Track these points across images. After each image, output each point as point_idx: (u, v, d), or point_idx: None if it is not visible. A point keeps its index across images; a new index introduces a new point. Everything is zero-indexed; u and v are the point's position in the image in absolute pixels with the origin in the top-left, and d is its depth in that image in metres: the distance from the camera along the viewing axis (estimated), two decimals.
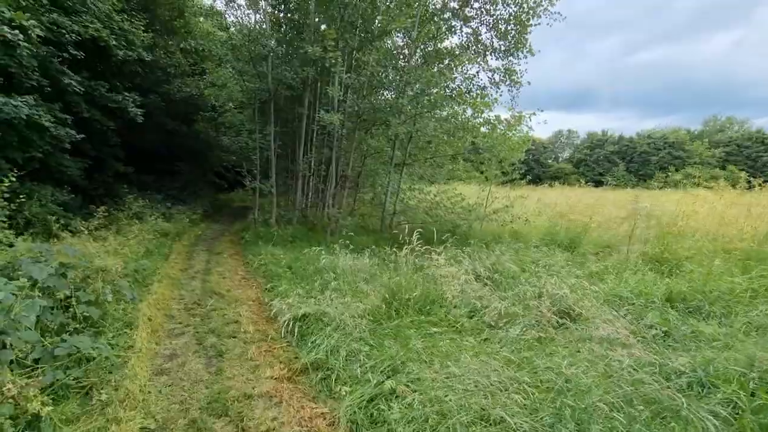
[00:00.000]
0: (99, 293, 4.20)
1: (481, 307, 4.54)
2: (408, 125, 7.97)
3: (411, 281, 4.76)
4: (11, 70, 7.68)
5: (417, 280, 4.88)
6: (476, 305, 4.59)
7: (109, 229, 8.72)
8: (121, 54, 11.04)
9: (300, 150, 11.03)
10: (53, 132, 8.53)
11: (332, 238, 9.18)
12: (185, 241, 10.50)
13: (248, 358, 3.97)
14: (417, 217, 9.22)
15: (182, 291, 6.20)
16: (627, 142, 66.57)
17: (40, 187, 8.96)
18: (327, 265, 6.29)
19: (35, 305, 2.74)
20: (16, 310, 2.60)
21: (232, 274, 7.29)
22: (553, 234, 8.80)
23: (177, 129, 15.92)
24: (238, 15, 12.27)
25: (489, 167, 9.30)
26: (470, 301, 4.66)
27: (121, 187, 12.65)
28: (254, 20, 11.42)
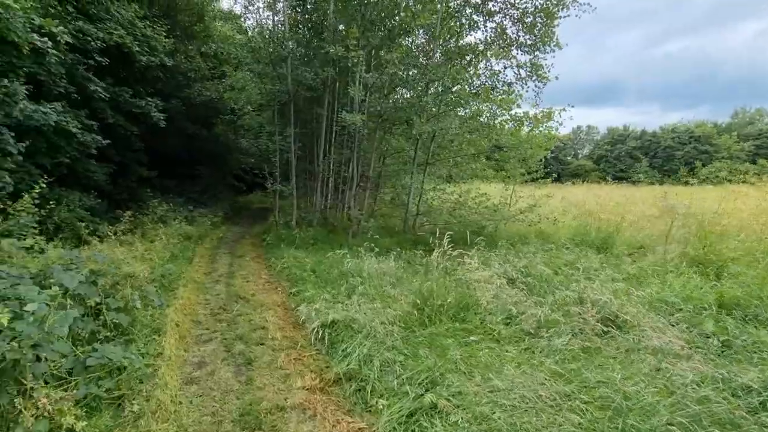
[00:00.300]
0: (128, 300, 4.16)
1: (517, 313, 4.31)
2: (431, 124, 7.78)
3: (443, 286, 4.57)
4: (41, 78, 7.84)
5: (449, 285, 4.68)
6: (512, 311, 4.36)
7: (135, 233, 8.82)
8: (144, 60, 11.19)
9: (320, 151, 10.95)
10: (80, 138, 8.68)
11: (354, 240, 9.06)
12: (207, 245, 10.56)
13: (278, 367, 3.85)
14: (440, 217, 9.02)
15: (207, 295, 6.17)
16: (650, 137, 64.50)
17: (68, 192, 9.13)
18: (352, 268, 6.15)
19: (68, 316, 2.68)
20: (49, 322, 2.54)
21: (256, 278, 7.24)
22: (583, 234, 8.45)
23: (197, 133, 16.13)
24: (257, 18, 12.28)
25: (514, 166, 9.02)
26: (505, 307, 4.44)
27: (144, 192, 12.85)
28: (273, 22, 11.43)
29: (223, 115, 16.77)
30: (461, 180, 9.56)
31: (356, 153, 8.66)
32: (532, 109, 8.24)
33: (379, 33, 7.69)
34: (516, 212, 8.63)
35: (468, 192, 9.16)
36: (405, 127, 9.28)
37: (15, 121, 6.78)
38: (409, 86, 8.36)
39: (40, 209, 5.93)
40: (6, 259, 3.42)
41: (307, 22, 10.93)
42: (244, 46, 10.83)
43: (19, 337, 2.23)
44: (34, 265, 3.56)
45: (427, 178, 8.85)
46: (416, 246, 8.47)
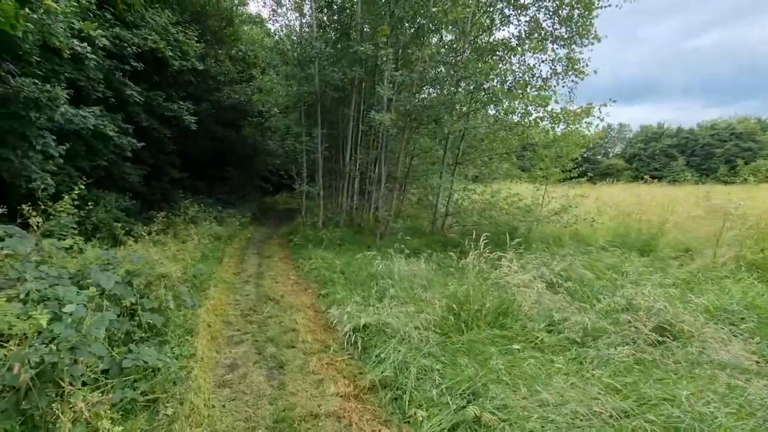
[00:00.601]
0: (162, 300, 4.17)
1: (559, 320, 4.05)
2: (462, 122, 7.54)
3: (480, 290, 4.35)
4: (80, 83, 8.13)
5: (486, 289, 4.46)
6: (554, 318, 4.10)
7: (167, 233, 9.01)
8: (176, 64, 11.47)
9: (346, 152, 10.90)
10: (116, 141, 8.95)
11: (382, 241, 8.93)
12: (236, 245, 10.69)
13: (310, 371, 3.75)
14: (469, 218, 8.75)
15: (237, 296, 6.18)
16: (687, 135, 61.38)
17: (105, 194, 9.45)
18: (382, 270, 6.01)
19: (105, 318, 2.67)
20: (87, 324, 2.53)
21: (285, 279, 7.22)
22: (623, 236, 7.99)
23: (226, 135, 16.46)
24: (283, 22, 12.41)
25: (547, 165, 8.64)
26: (547, 313, 4.19)
27: (176, 193, 13.19)
28: (299, 25, 11.47)
29: (251, 118, 17.05)
30: (491, 180, 9.24)
31: (384, 153, 8.52)
32: (567, 105, 7.85)
33: (408, 30, 7.52)
34: (550, 213, 8.25)
35: (498, 192, 8.85)
36: (433, 126, 9.07)
37: (57, 125, 7.05)
38: (439, 83, 8.14)
39: (79, 210, 6.09)
40: (47, 259, 3.49)
41: (334, 23, 10.91)
42: (272, 49, 10.91)
43: (58, 340, 2.21)
44: (72, 266, 3.61)
45: (455, 178, 8.60)
46: (446, 247, 8.27)
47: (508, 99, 7.28)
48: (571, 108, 7.07)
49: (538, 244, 7.67)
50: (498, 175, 9.12)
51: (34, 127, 5.73)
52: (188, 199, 12.87)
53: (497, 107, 7.60)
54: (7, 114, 5.41)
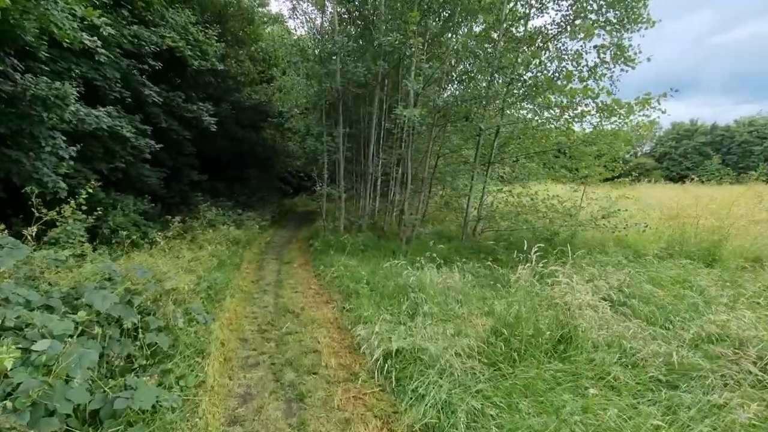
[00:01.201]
0: (169, 318, 3.71)
1: (631, 349, 3.36)
2: (499, 117, 6.88)
3: (532, 310, 3.71)
4: (96, 83, 7.90)
5: (539, 309, 3.81)
6: (623, 345, 3.42)
7: (185, 238, 8.69)
8: (195, 64, 11.21)
9: (369, 152, 10.37)
10: (134, 142, 8.69)
11: (407, 246, 8.34)
12: (255, 249, 10.31)
13: (335, 407, 3.20)
14: (502, 222, 8.06)
15: (254, 307, 5.71)
16: (722, 132, 58.30)
17: (123, 197, 9.22)
18: (412, 281, 5.41)
19: (86, 357, 2.19)
20: (61, 366, 2.05)
21: (305, 288, 6.72)
22: (680, 242, 7.14)
23: (246, 136, 16.23)
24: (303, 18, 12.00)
25: (590, 163, 7.85)
26: (613, 339, 3.50)
27: (195, 195, 12.97)
28: (320, 21, 11.04)
29: (271, 118, 16.76)
30: (526, 181, 8.51)
31: (410, 152, 7.94)
32: (608, 98, 7.01)
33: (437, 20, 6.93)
34: (596, 217, 7.46)
35: (536, 194, 8.11)
36: (462, 123, 8.43)
37: (72, 127, 6.79)
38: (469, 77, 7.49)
39: (89, 215, 5.76)
40: (37, 276, 3.08)
41: (356, 17, 10.41)
42: (292, 46, 10.50)
43: (16, 393, 1.74)
44: (66, 282, 3.19)
45: (488, 179, 7.93)
46: (479, 255, 7.61)
47: (552, 91, 6.56)
48: (624, 100, 6.30)
49: (583, 252, 6.92)
50: (538, 175, 8.34)
51: (43, 127, 5.43)
52: (207, 202, 12.63)
53: (535, 102, 6.86)
54: (15, 114, 5.11)
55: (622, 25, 6.46)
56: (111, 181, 9.27)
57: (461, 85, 8.14)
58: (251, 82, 16.30)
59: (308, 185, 29.59)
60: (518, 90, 7.06)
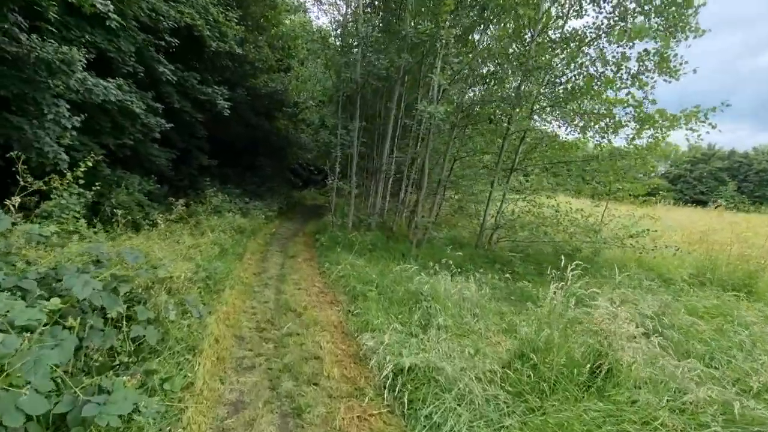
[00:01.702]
0: (161, 309, 3.36)
1: (678, 390, 2.94)
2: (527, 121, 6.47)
3: (565, 335, 3.30)
4: (110, 54, 7.61)
5: (572, 333, 3.40)
6: (668, 384, 3.00)
7: (188, 222, 8.37)
8: (214, 45, 10.90)
9: (384, 148, 9.99)
10: (144, 119, 8.39)
11: (418, 250, 7.95)
12: (260, 240, 9.98)
13: (336, 427, 2.83)
14: (520, 233, 7.62)
15: (254, 302, 5.36)
16: (740, 158, 57.24)
17: (129, 175, 8.93)
18: (424, 289, 5.02)
19: (43, 360, 1.83)
20: (15, 368, 1.70)
21: (309, 285, 6.36)
22: (710, 269, 6.67)
23: (259, 124, 15.92)
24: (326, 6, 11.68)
25: (617, 178, 7.39)
26: (655, 375, 3.09)
27: (204, 180, 12.68)
28: (344, 9, 10.69)
29: (285, 108, 16.43)
30: (550, 191, 8.06)
31: (428, 151, 7.54)
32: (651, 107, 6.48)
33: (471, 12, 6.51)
34: (621, 235, 7.00)
35: (557, 206, 7.66)
36: (486, 125, 8.01)
37: (80, 97, 6.48)
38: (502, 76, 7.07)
39: (86, 190, 5.44)
40: (12, 252, 2.73)
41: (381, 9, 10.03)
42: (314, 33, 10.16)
43: None
44: (47, 262, 2.86)
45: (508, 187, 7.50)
46: (493, 265, 7.21)
47: (591, 96, 6.10)
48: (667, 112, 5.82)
49: (606, 272, 6.49)
50: (566, 186, 7.86)
51: (48, 93, 5.12)
52: (214, 188, 12.34)
53: (569, 107, 6.40)
54: (18, 77, 4.81)
55: (670, 32, 6.00)
56: (118, 158, 8.98)
57: (487, 85, 7.72)
58: (269, 69, 15.97)
59: (318, 179, 29.29)
60: (551, 93, 6.62)
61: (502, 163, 7.50)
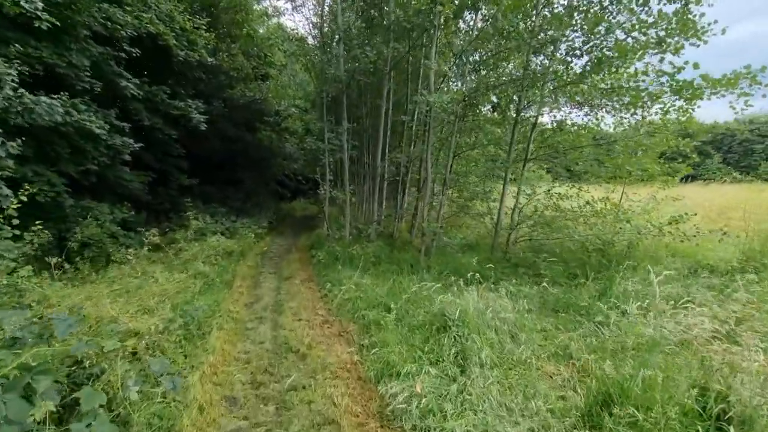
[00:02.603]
0: (117, 387, 2.49)
1: None
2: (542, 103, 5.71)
3: (664, 369, 2.51)
4: (59, 70, 6.69)
5: (670, 365, 2.61)
6: None
7: (168, 252, 7.45)
8: (182, 54, 10.02)
9: (377, 150, 9.19)
10: (108, 141, 7.46)
11: (428, 259, 7.14)
12: (250, 261, 9.08)
13: None
14: (541, 230, 6.86)
15: (247, 343, 4.50)
16: (723, 131, 57.79)
17: (96, 204, 7.98)
18: (448, 308, 4.21)
19: None
20: None
21: (310, 314, 5.50)
22: (759, 255, 5.97)
23: (240, 136, 15.02)
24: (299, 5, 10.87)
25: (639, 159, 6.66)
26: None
27: (185, 201, 11.74)
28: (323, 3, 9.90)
29: (267, 117, 15.55)
30: (576, 180, 7.28)
31: (430, 148, 6.76)
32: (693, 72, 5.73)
33: None
34: (660, 224, 6.23)
35: (578, 195, 6.91)
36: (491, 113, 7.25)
37: (25, 120, 5.55)
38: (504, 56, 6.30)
39: (23, 231, 4.55)
40: None
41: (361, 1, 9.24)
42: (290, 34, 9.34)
43: None
44: None
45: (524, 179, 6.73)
46: (516, 269, 6.43)
47: (620, 66, 5.32)
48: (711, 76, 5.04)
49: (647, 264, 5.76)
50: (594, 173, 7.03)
51: None
52: (198, 208, 11.40)
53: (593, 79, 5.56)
54: None
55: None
56: (83, 187, 8.04)
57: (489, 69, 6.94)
58: (245, 79, 15.09)
59: (306, 188, 28.36)
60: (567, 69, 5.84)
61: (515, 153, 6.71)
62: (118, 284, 4.62)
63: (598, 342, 3.81)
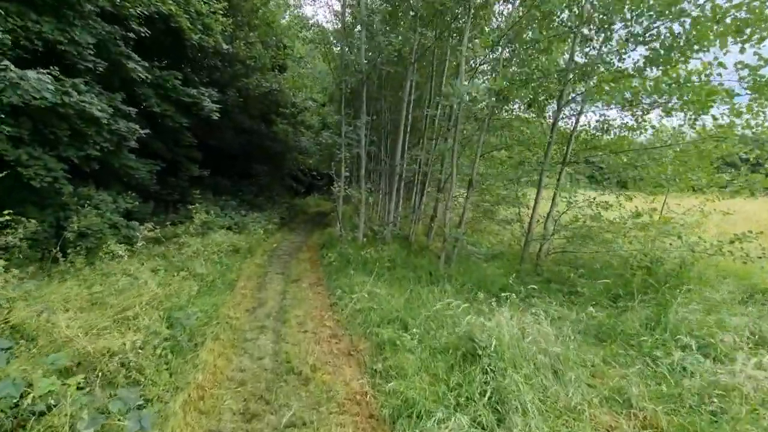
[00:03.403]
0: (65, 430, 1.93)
1: None
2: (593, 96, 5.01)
3: None
4: (61, 47, 6.26)
5: None
6: None
7: (169, 246, 6.97)
8: (195, 38, 9.56)
9: (397, 146, 8.57)
10: (111, 125, 7.02)
11: (448, 267, 6.49)
12: (258, 259, 8.57)
13: None
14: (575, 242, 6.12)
15: (244, 358, 3.94)
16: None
17: (99, 193, 7.56)
18: (478, 335, 3.56)
19: None
20: None
21: (317, 325, 4.92)
22: None
23: (255, 128, 14.57)
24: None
25: (692, 167, 5.88)
26: None
27: (193, 192, 11.30)
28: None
29: (283, 108, 15.05)
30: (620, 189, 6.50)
31: (456, 145, 6.09)
32: None
33: None
34: (720, 243, 5.43)
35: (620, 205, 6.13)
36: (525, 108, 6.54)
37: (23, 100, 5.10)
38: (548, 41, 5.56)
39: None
40: None
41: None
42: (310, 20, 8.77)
43: None
44: None
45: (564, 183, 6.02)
46: (549, 285, 5.72)
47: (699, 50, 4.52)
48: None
49: (695, 286, 5.02)
50: (647, 186, 6.21)
51: None
52: (207, 200, 10.97)
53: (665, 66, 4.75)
54: None
55: None
56: (86, 174, 7.63)
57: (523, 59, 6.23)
58: (262, 68, 14.62)
59: (321, 184, 27.93)
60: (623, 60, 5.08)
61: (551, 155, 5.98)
62: (102, 284, 4.11)
63: (663, 387, 3.13)
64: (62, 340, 2.53)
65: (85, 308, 3.27)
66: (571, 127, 5.96)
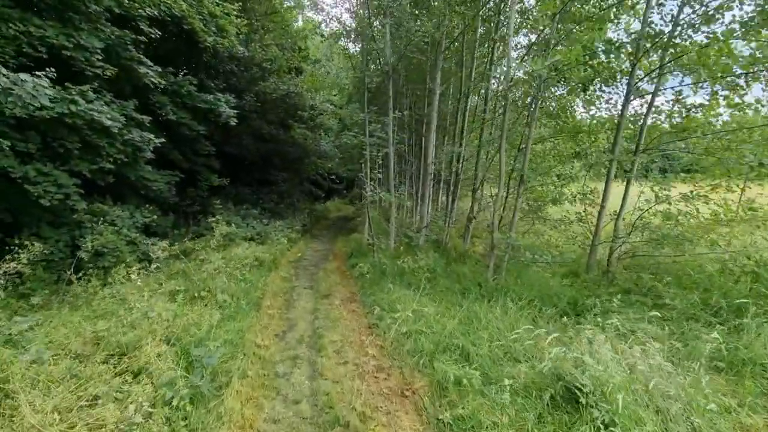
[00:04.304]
0: None
1: None
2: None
3: None
4: (66, 52, 5.79)
5: None
6: None
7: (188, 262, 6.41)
8: (210, 41, 9.05)
9: (430, 143, 7.81)
10: (123, 136, 6.52)
11: (498, 277, 5.67)
12: (283, 272, 7.96)
13: None
14: (660, 244, 5.16)
15: (277, 403, 3.26)
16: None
17: (115, 208, 7.10)
18: (567, 368, 2.77)
19: None
20: None
21: (358, 353, 4.21)
22: None
23: (273, 134, 14.07)
24: None
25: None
26: None
27: (214, 203, 10.82)
28: None
29: (301, 112, 14.51)
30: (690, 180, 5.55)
31: (504, 135, 5.27)
32: None
33: None
34: None
35: (707, 198, 5.14)
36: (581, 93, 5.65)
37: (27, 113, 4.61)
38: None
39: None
40: None
41: None
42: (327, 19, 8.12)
43: None
44: None
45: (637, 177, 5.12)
46: (628, 296, 4.82)
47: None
48: None
49: None
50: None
51: None
52: (226, 211, 10.45)
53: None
54: None
55: None
56: (100, 188, 7.18)
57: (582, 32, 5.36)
58: (278, 71, 14.14)
59: (340, 188, 27.40)
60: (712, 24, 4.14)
61: (620, 144, 5.06)
62: (110, 318, 3.50)
63: None
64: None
65: (83, 354, 2.66)
66: (644, 110, 5.04)
